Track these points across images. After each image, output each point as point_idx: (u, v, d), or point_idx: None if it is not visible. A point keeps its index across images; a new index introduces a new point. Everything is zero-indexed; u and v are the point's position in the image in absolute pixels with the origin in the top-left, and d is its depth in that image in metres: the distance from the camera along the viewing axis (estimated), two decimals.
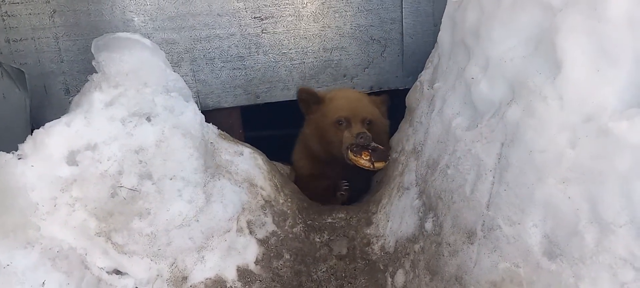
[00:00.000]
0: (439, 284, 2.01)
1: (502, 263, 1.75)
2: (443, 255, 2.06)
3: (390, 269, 2.48)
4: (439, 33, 2.52)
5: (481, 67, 2.01)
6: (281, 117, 3.85)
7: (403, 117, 3.01)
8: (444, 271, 2.05)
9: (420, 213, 2.36)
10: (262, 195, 2.79)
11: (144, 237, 2.35)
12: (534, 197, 1.66)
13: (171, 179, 2.44)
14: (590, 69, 1.59)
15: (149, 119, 2.48)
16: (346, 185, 3.05)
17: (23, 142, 2.28)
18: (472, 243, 1.92)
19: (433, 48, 2.82)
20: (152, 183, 2.41)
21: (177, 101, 2.59)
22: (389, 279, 2.46)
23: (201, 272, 2.44)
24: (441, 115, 2.30)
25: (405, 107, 2.99)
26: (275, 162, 3.29)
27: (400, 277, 2.37)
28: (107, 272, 2.31)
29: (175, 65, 3.06)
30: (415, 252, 2.31)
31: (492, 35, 1.96)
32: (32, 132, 2.29)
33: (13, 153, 2.24)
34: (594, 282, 1.49)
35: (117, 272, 2.33)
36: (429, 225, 2.23)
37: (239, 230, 2.61)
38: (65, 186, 2.25)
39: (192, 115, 2.61)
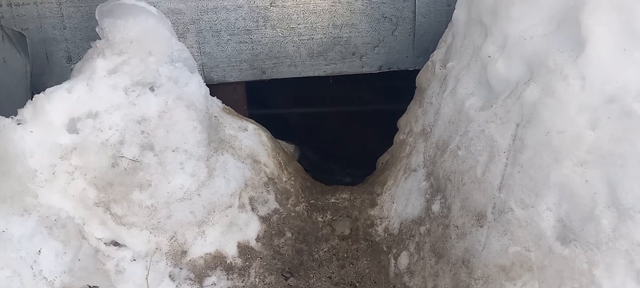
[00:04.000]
0: (445, 267, 1.96)
1: (512, 247, 1.69)
2: (450, 238, 2.01)
3: (394, 251, 2.43)
4: (454, 11, 2.44)
5: (498, 46, 1.94)
6: (287, 95, 3.80)
7: (412, 99, 2.94)
8: (450, 254, 2.00)
9: (427, 195, 2.30)
10: (265, 172, 2.74)
11: (143, 208, 2.30)
12: (549, 180, 1.60)
13: (173, 151, 2.39)
14: (616, 48, 1.52)
15: (152, 89, 2.42)
16: None
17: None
18: (481, 226, 1.86)
19: (446, 28, 2.74)
20: (154, 155, 2.35)
21: (182, 72, 2.53)
22: (393, 261, 2.41)
23: (201, 247, 2.39)
24: (454, 96, 2.24)
25: (414, 89, 2.92)
26: (279, 140, 3.23)
27: (404, 259, 2.33)
28: (105, 243, 2.26)
29: (181, 36, 2.99)
30: (420, 234, 2.26)
31: (511, 13, 1.89)
32: (32, 98, 2.24)
33: (12, 118, 2.19)
34: (609, 268, 1.44)
35: (115, 244, 2.28)
36: (436, 207, 2.18)
37: (241, 206, 2.56)
38: (65, 154, 2.20)
39: (197, 87, 2.55)
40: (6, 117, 2.18)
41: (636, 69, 1.48)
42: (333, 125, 4.52)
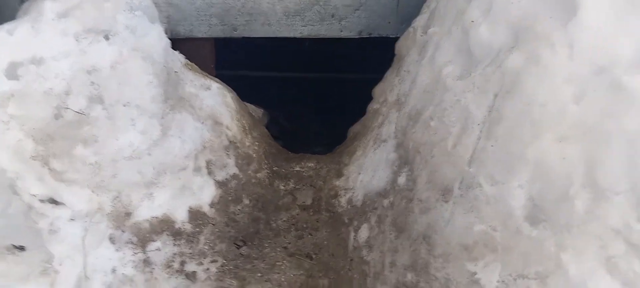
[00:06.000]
0: (405, 242, 1.82)
1: (477, 225, 1.55)
2: (413, 212, 1.87)
3: (355, 223, 2.29)
4: None
5: (483, 10, 1.77)
6: (259, 56, 3.60)
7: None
8: (412, 229, 1.86)
9: (394, 167, 2.16)
10: (226, 135, 2.57)
11: (87, 165, 2.13)
12: (525, 155, 1.45)
13: (125, 106, 2.21)
14: (610, 14, 1.37)
15: (107, 38, 2.22)
16: None
17: None
18: (446, 201, 1.72)
19: None
20: (103, 108, 2.17)
21: (141, 21, 2.32)
22: (352, 233, 2.28)
23: (147, 210, 2.23)
24: (432, 63, 2.08)
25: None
26: (247, 103, 3.05)
27: (364, 232, 2.19)
28: (41, 200, 2.08)
29: None
30: (383, 207, 2.12)
31: None
32: None
33: None
34: (579, 253, 1.31)
35: (52, 201, 2.11)
36: (402, 180, 2.04)
37: (196, 169, 2.39)
38: (1, 101, 2.01)
39: (157, 38, 2.36)
40: None
41: (630, 39, 1.33)
42: (311, 91, 4.31)
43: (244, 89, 2.96)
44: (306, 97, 4.22)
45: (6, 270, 1.90)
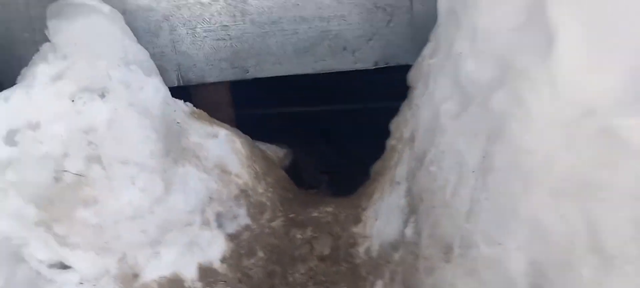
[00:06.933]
0: None
1: None
2: (418, 271, 1.66)
3: (371, 278, 2.10)
4: None
5: (469, 41, 1.56)
6: (281, 93, 3.49)
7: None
8: None
9: (403, 215, 1.96)
10: (236, 184, 2.46)
11: (88, 228, 2.09)
12: (519, 211, 1.22)
13: (123, 163, 2.15)
14: (590, 44, 1.12)
15: (102, 96, 2.19)
16: None
17: None
18: (448, 262, 1.50)
19: None
20: (101, 168, 2.13)
21: (136, 75, 2.29)
22: None
23: (155, 270, 2.15)
24: (431, 99, 1.88)
25: None
26: (268, 144, 2.94)
27: None
28: (48, 266, 2.06)
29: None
30: (394, 261, 1.92)
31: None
32: None
33: None
34: None
35: (60, 266, 2.08)
36: (409, 231, 1.83)
37: (205, 223, 2.30)
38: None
39: (153, 91, 2.31)
40: None
41: (613, 72, 1.08)
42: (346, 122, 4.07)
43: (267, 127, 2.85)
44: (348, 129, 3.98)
45: None
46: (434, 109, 1.82)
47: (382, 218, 2.21)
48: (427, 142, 1.84)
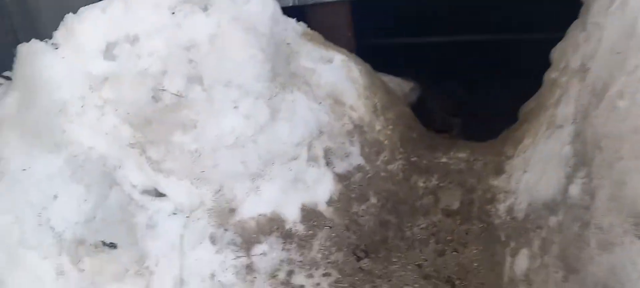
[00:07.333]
0: None
1: None
2: (588, 245, 1.19)
3: (513, 244, 1.65)
4: None
5: None
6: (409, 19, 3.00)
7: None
8: (586, 270, 1.18)
9: (568, 168, 1.46)
10: (350, 117, 2.11)
11: (185, 154, 1.89)
12: None
13: (225, 86, 1.92)
14: None
15: (204, 8, 1.96)
16: None
17: None
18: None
19: None
20: (202, 89, 1.93)
21: None
22: (509, 259, 1.65)
23: (254, 206, 1.93)
24: (623, 9, 1.32)
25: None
26: (391, 77, 2.52)
27: (522, 260, 1.56)
28: (141, 192, 1.90)
29: None
30: (549, 227, 1.45)
31: None
32: None
33: (47, 41, 1.92)
34: None
35: (154, 193, 1.91)
36: (575, 190, 1.35)
37: (312, 158, 2.01)
38: (95, 84, 1.87)
39: (260, 4, 2.01)
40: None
41: None
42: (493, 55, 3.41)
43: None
44: (487, 62, 3.36)
45: (99, 267, 1.76)
46: (627, 22, 1.27)
47: (534, 171, 1.73)
48: (613, 67, 1.30)
